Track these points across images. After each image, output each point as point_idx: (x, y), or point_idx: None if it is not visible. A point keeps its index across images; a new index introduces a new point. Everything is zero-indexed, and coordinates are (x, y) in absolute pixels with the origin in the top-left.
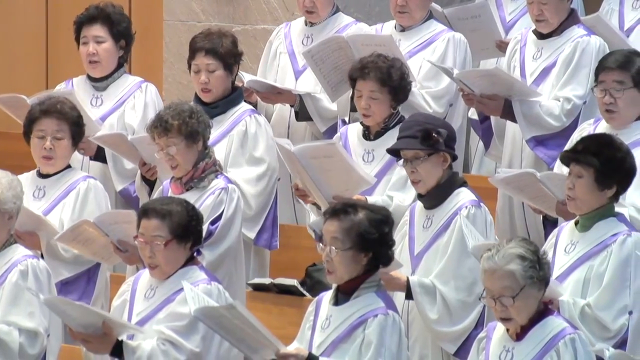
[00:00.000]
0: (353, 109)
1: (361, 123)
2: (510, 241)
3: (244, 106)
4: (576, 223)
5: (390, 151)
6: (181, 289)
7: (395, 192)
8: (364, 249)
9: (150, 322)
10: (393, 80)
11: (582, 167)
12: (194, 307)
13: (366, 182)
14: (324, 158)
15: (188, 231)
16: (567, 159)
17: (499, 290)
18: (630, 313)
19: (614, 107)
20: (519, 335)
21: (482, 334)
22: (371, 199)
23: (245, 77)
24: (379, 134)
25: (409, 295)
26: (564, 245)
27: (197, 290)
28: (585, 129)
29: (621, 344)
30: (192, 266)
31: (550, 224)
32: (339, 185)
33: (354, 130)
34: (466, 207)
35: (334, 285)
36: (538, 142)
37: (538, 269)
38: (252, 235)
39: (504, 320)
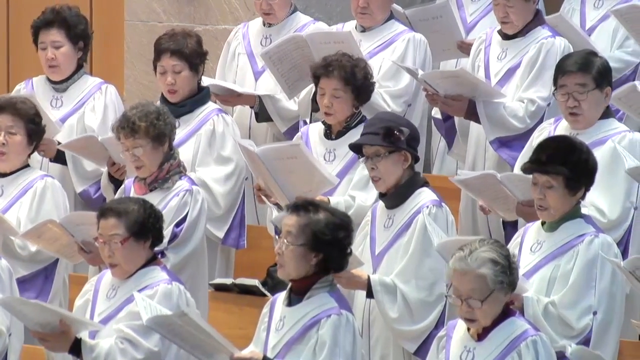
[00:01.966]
0: (315, 109)
1: (323, 122)
2: (483, 243)
3: (210, 105)
4: (543, 223)
5: (352, 148)
6: (142, 289)
7: (357, 191)
8: (315, 249)
9: (111, 321)
10: (357, 79)
11: (550, 177)
12: (146, 316)
13: (329, 182)
14: (288, 159)
15: (146, 229)
16: (530, 170)
17: (467, 292)
18: (595, 314)
19: (578, 110)
20: (481, 335)
21: (441, 333)
22: (333, 199)
23: (204, 82)
24: (340, 134)
25: (369, 294)
26: (529, 245)
27: (148, 300)
28: (545, 129)
29: (584, 344)
30: (154, 266)
31: (510, 225)
32: (302, 186)
33: (316, 130)
34: (427, 207)
35: (288, 286)
36: (502, 143)
37: (508, 274)
38: (220, 234)
39: (468, 320)
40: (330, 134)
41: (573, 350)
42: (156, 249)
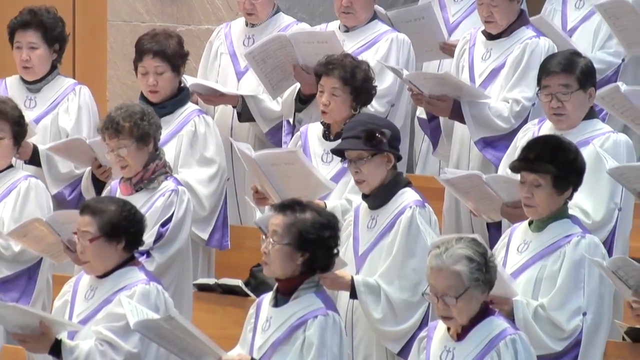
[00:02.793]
0: (298, 109)
1: (322, 123)
2: (459, 241)
3: (191, 106)
4: (530, 223)
5: (335, 152)
6: (119, 290)
7: (354, 195)
8: (301, 248)
9: (89, 322)
10: (356, 80)
11: (538, 176)
12: (133, 320)
13: (326, 187)
14: (284, 165)
15: (118, 231)
16: (518, 169)
17: (443, 289)
18: (585, 314)
19: (562, 111)
20: (460, 335)
21: (422, 334)
22: (330, 203)
23: (187, 81)
24: (339, 135)
25: (353, 295)
26: (516, 245)
27: (135, 303)
28: (529, 129)
29: (575, 345)
30: (132, 267)
31: (494, 226)
32: (299, 190)
33: (314, 130)
34: (410, 207)
35: (274, 287)
36: (486, 143)
37: (484, 272)
38: (205, 235)
39: (445, 318)
40: (329, 134)
41: None
42: (141, 249)
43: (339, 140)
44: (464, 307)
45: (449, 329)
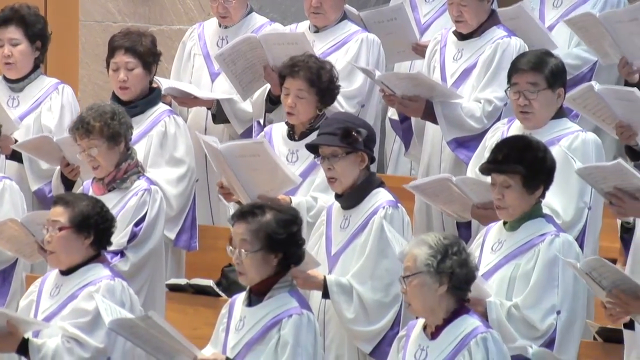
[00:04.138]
0: (268, 110)
1: (286, 123)
2: (436, 233)
3: (162, 107)
4: (504, 222)
5: (310, 148)
6: (85, 286)
7: (319, 193)
8: (274, 250)
9: (55, 319)
10: (322, 81)
11: (507, 177)
12: (108, 318)
13: (292, 181)
14: (251, 157)
15: (88, 225)
16: (488, 170)
17: (403, 272)
18: (559, 313)
19: (529, 109)
20: (434, 333)
21: (402, 333)
22: (295, 200)
23: (162, 83)
24: (303, 135)
25: (325, 295)
26: (491, 244)
27: (109, 302)
28: (498, 129)
29: (549, 344)
30: (96, 263)
31: (463, 226)
32: (265, 184)
33: (279, 130)
34: (383, 207)
35: (247, 287)
36: (459, 143)
37: (439, 260)
38: (172, 236)
39: (407, 305)
40: (294, 135)
41: (535, 351)
42: (115, 248)
43: (304, 140)
44: (416, 292)
45: (424, 327)
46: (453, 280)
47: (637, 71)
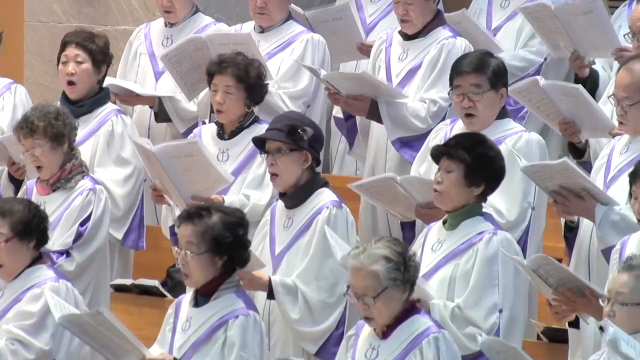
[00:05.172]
0: (213, 110)
1: (216, 122)
2: (378, 241)
3: (110, 106)
4: (444, 222)
5: (256, 143)
6: (29, 288)
7: (251, 190)
8: (219, 252)
9: (0, 322)
10: (250, 77)
11: (452, 162)
12: (57, 314)
13: (225, 180)
14: (185, 157)
15: (30, 229)
16: (438, 153)
17: (362, 289)
18: (501, 311)
19: (473, 111)
20: (385, 333)
21: (351, 332)
22: (228, 199)
23: (105, 81)
24: (233, 134)
25: (270, 295)
26: (431, 244)
27: (58, 298)
28: (441, 129)
29: None
30: (40, 265)
31: (408, 226)
32: (198, 184)
33: (209, 130)
34: (327, 207)
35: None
36: (403, 143)
37: (402, 271)
38: (119, 235)
39: (367, 319)
40: (223, 134)
41: (483, 340)
42: (60, 248)
43: (234, 139)
44: (383, 307)
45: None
46: (412, 285)
47: (588, 65)
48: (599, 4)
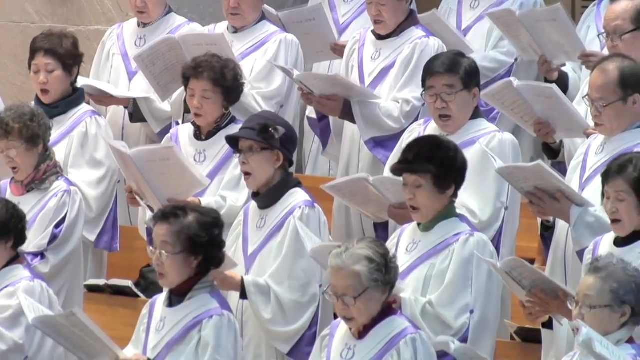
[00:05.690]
0: (187, 110)
1: (193, 123)
2: (361, 241)
3: (84, 107)
4: (418, 223)
5: (230, 142)
6: (5, 287)
7: (228, 191)
8: (194, 253)
9: None
10: (226, 80)
11: (418, 176)
12: (31, 315)
13: (200, 183)
14: (160, 161)
15: (8, 229)
16: (399, 171)
17: (342, 289)
18: (472, 312)
19: (447, 112)
20: (362, 333)
21: (325, 332)
22: (204, 200)
23: (78, 81)
24: (210, 134)
25: (243, 295)
26: (405, 245)
27: (32, 300)
28: (415, 130)
29: (462, 343)
30: (17, 265)
31: (381, 227)
32: (174, 187)
33: (185, 131)
34: (300, 207)
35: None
36: (377, 143)
37: (384, 273)
38: (92, 237)
39: (345, 319)
40: (200, 134)
41: (456, 347)
42: (35, 250)
43: (211, 140)
44: (363, 307)
45: (350, 327)
46: (392, 287)
47: (557, 69)
48: (562, 13)
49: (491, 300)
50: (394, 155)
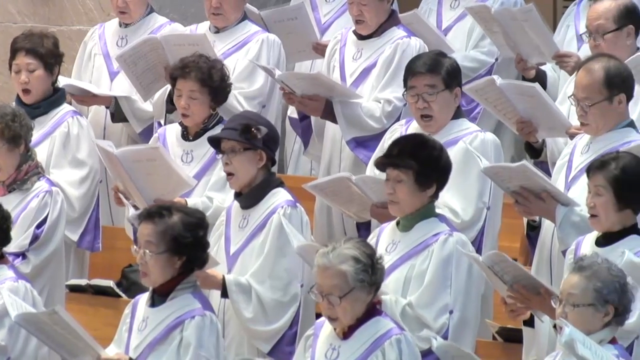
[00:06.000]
0: (169, 110)
1: (180, 123)
2: (347, 241)
3: (66, 107)
4: (397, 223)
5: (211, 142)
6: None
7: (214, 192)
8: (178, 253)
9: None
10: (214, 80)
11: (400, 171)
12: (14, 313)
13: (187, 184)
14: (147, 161)
15: None
16: (382, 165)
17: (328, 288)
18: (451, 312)
19: (429, 112)
20: (346, 333)
21: (309, 332)
22: (191, 201)
23: (60, 81)
24: (198, 135)
25: (224, 294)
26: (385, 245)
27: (15, 297)
28: (396, 130)
29: None
30: (1, 265)
31: (363, 227)
32: (160, 188)
33: (173, 131)
34: (282, 207)
35: (150, 287)
36: (358, 143)
37: (370, 273)
38: (74, 237)
39: (330, 319)
40: (188, 135)
41: (439, 344)
42: (17, 250)
43: (199, 140)
44: (349, 307)
45: (335, 327)
46: (378, 288)
47: (533, 67)
48: (534, 14)
49: (471, 300)
50: (376, 155)
